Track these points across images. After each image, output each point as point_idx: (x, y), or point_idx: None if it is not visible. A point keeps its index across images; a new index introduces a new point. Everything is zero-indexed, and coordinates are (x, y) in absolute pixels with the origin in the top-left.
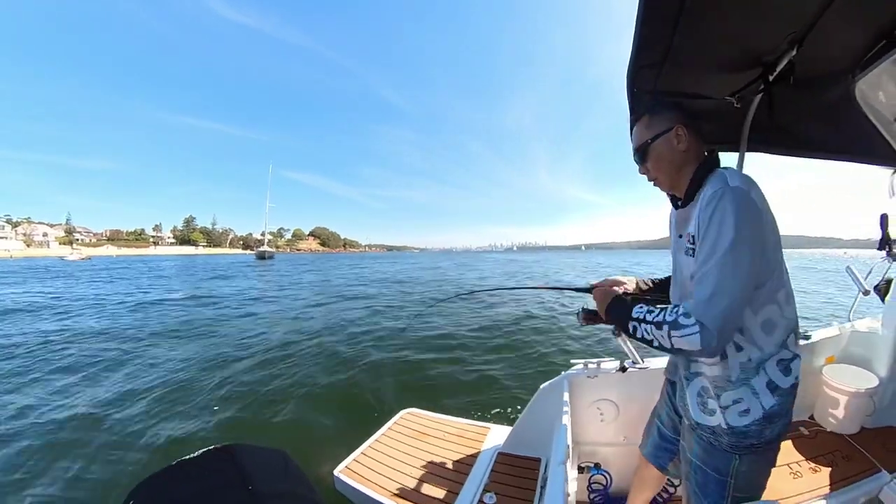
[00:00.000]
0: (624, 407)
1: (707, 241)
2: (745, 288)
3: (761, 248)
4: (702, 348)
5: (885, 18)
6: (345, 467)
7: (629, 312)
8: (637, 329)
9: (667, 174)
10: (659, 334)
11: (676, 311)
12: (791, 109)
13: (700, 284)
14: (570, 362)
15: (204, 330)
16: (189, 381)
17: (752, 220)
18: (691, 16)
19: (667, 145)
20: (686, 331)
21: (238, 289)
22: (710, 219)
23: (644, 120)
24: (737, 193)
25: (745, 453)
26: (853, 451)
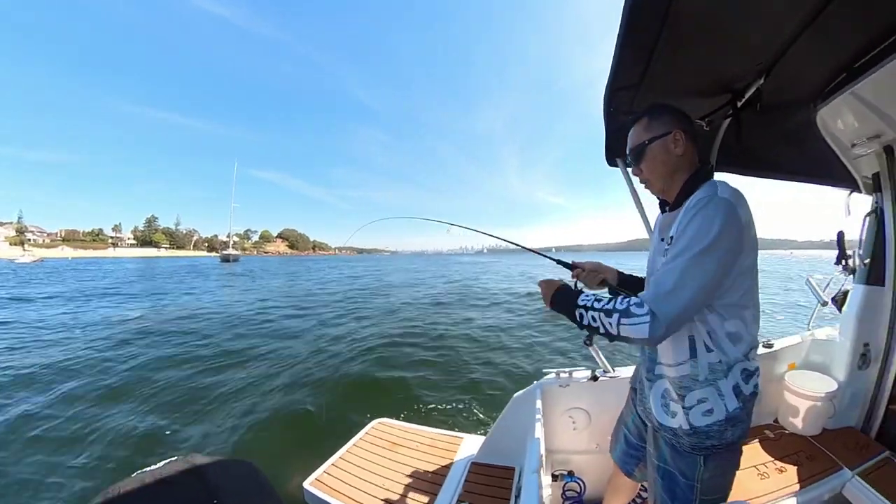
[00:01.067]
0: (596, 415)
1: (682, 240)
2: (704, 293)
3: (732, 261)
4: (648, 338)
5: (846, 53)
6: (315, 479)
7: (575, 300)
8: (584, 316)
9: (660, 177)
10: (607, 321)
11: (628, 301)
12: (757, 134)
13: (662, 277)
14: (542, 371)
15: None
16: (133, 383)
17: (731, 233)
18: (667, 45)
19: (663, 148)
20: (636, 320)
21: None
22: (691, 220)
23: (643, 121)
24: (723, 204)
25: (709, 455)
26: (816, 451)
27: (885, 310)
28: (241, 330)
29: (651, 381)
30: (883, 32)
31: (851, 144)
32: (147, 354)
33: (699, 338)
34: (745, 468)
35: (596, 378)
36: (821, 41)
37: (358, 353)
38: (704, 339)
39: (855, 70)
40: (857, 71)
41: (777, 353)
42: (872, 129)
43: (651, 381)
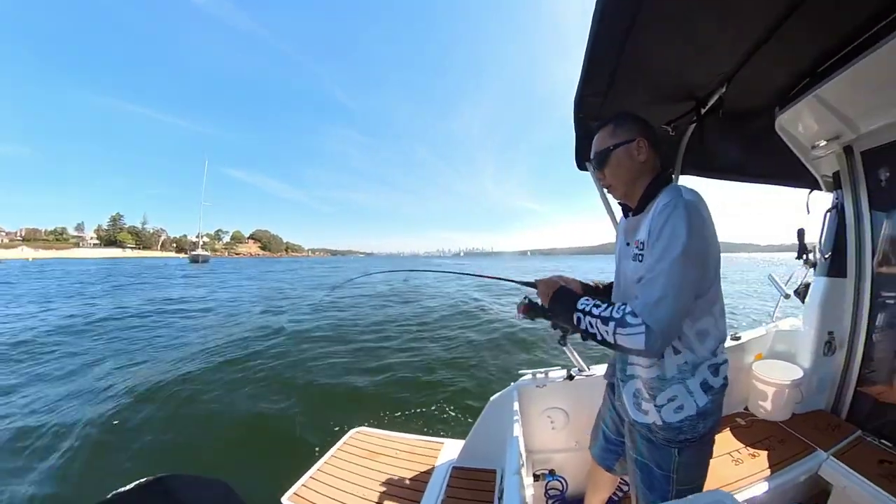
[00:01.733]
0: (573, 413)
1: (657, 247)
2: (689, 296)
3: (705, 260)
4: (645, 349)
5: (808, 59)
6: (293, 494)
7: (575, 303)
8: (581, 321)
9: (622, 182)
10: (604, 329)
11: (623, 310)
12: (720, 139)
13: (647, 287)
14: (518, 373)
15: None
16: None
17: (701, 234)
18: (634, 53)
19: (627, 154)
20: (632, 330)
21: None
22: (663, 227)
23: (609, 128)
24: (690, 206)
25: (683, 447)
26: (787, 436)
27: (848, 299)
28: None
29: (624, 381)
30: (845, 38)
31: (812, 146)
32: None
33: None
34: (719, 455)
35: (572, 377)
36: (783, 49)
37: (325, 362)
38: (673, 343)
39: (818, 74)
40: (821, 75)
41: (744, 344)
42: (833, 130)
43: (624, 382)
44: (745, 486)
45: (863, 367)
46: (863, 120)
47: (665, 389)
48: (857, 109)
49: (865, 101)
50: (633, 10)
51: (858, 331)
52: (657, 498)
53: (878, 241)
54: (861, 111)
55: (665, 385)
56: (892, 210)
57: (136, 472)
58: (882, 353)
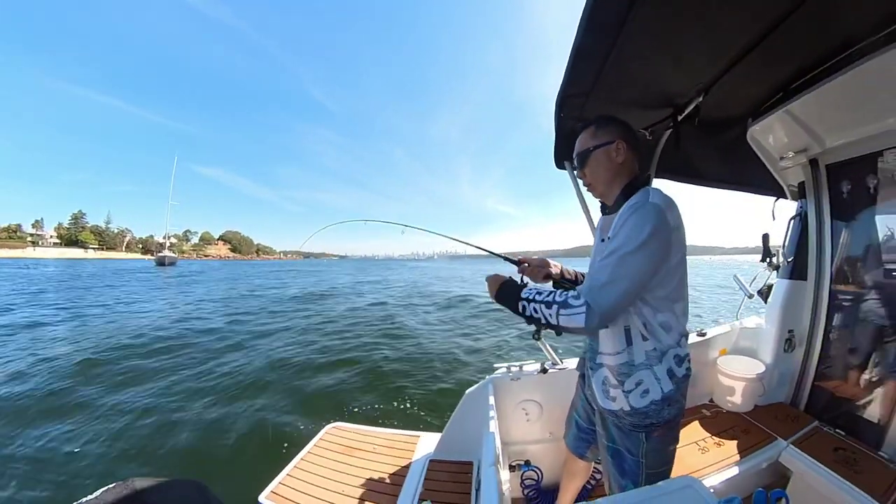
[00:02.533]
0: (547, 405)
1: (617, 238)
2: (635, 287)
3: (661, 259)
4: (584, 326)
5: (783, 75)
6: (270, 492)
7: (518, 293)
8: (526, 308)
9: (601, 181)
10: (548, 313)
11: (567, 294)
12: (694, 145)
13: (598, 272)
14: (493, 366)
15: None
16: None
17: (660, 235)
18: (618, 59)
19: (606, 156)
20: (572, 311)
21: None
22: (626, 222)
23: (591, 129)
24: (654, 209)
25: (649, 432)
26: (750, 426)
27: (808, 300)
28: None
29: (593, 369)
30: (817, 59)
31: (780, 157)
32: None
33: (635, 328)
34: (686, 445)
35: (545, 370)
36: (759, 65)
37: (297, 360)
38: (640, 330)
39: (790, 91)
40: (792, 91)
41: (709, 340)
42: (800, 143)
43: (593, 370)
44: (712, 473)
45: (820, 364)
46: (829, 136)
47: (633, 374)
48: (824, 126)
49: (832, 119)
50: (621, 20)
51: (816, 330)
52: (629, 482)
53: (837, 248)
54: (828, 128)
55: (633, 370)
56: (852, 220)
57: (99, 482)
58: (838, 351)
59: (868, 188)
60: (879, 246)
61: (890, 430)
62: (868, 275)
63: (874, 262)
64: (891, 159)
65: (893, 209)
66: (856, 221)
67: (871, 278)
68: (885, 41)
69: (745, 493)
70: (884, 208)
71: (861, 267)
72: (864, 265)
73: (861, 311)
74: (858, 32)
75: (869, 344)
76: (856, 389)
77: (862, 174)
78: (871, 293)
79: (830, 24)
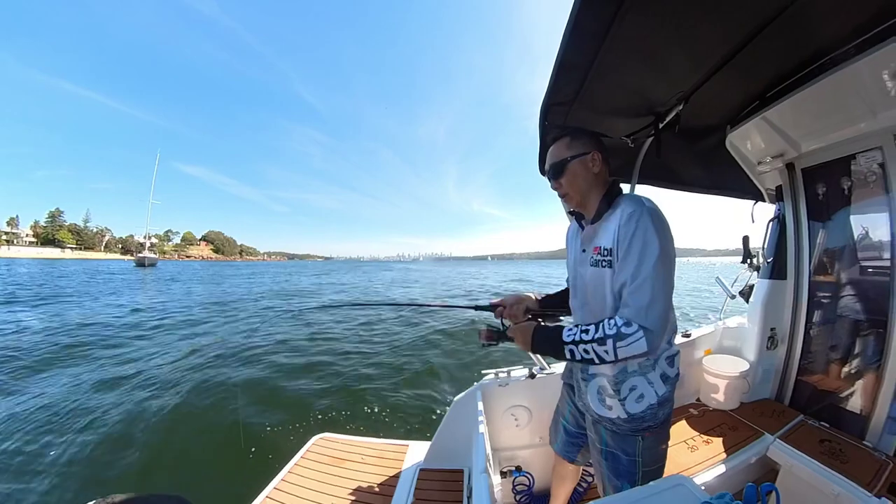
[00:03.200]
0: (536, 410)
1: (633, 254)
2: (671, 293)
3: (674, 259)
4: (648, 350)
5: (760, 84)
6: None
7: (560, 338)
8: (575, 352)
9: (578, 192)
10: (602, 350)
11: (615, 324)
12: (675, 152)
13: (638, 293)
14: (481, 373)
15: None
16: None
17: (668, 236)
18: (601, 69)
19: (582, 166)
20: (631, 339)
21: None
22: (634, 234)
23: (566, 140)
24: (655, 214)
25: (646, 434)
26: (737, 423)
27: (788, 299)
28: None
29: (586, 380)
30: (792, 69)
31: (758, 162)
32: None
33: None
34: (675, 444)
35: (533, 376)
36: (736, 75)
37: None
38: None
39: (767, 99)
40: (769, 99)
41: (694, 341)
42: (777, 148)
43: (586, 381)
44: (702, 470)
45: (802, 359)
46: (804, 141)
47: (627, 381)
48: (800, 132)
49: (807, 125)
50: (605, 30)
51: (797, 327)
52: (625, 482)
53: (814, 248)
54: (803, 133)
55: (628, 377)
56: (828, 220)
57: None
58: (818, 346)
59: (842, 190)
60: (855, 244)
61: (872, 419)
62: (845, 272)
63: (850, 260)
64: (863, 162)
65: (867, 209)
66: (832, 222)
67: (848, 275)
68: (855, 51)
69: (736, 489)
70: (858, 208)
71: (838, 265)
72: (840, 263)
73: (839, 307)
74: (830, 43)
75: (848, 338)
76: (838, 382)
77: (836, 177)
78: (848, 289)
79: (803, 36)
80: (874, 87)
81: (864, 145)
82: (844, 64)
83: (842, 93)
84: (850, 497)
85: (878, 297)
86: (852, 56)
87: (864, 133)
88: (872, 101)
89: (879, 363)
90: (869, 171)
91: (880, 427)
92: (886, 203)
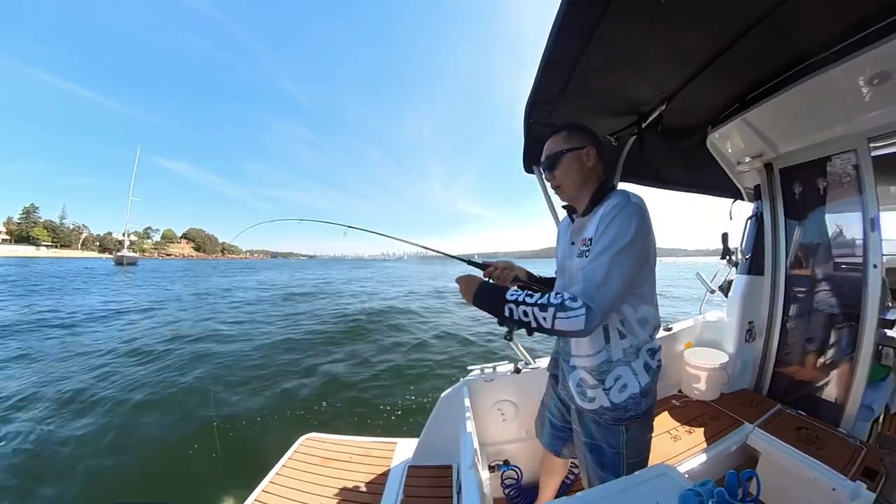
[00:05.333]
0: (522, 405)
1: (605, 238)
2: (626, 285)
3: (646, 257)
4: (584, 328)
5: (741, 87)
6: None
7: (503, 294)
8: (514, 311)
9: (572, 184)
10: (542, 315)
11: (562, 296)
12: (657, 151)
13: (592, 272)
14: (467, 369)
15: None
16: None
17: (646, 233)
18: (586, 68)
19: (577, 160)
20: (572, 313)
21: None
22: (613, 221)
23: (562, 134)
24: (638, 209)
25: (629, 424)
26: (718, 413)
27: (766, 293)
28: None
29: (568, 371)
30: (772, 73)
31: (737, 162)
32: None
33: (612, 327)
34: (659, 434)
35: (519, 370)
36: (718, 77)
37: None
38: (618, 327)
39: (747, 101)
40: (749, 101)
41: (675, 334)
42: (756, 149)
43: (569, 372)
44: (685, 459)
45: (779, 351)
46: (782, 142)
47: (612, 371)
48: (778, 133)
49: (785, 127)
50: (591, 29)
51: (774, 320)
52: (610, 474)
53: (791, 245)
54: (781, 135)
55: (612, 367)
56: (804, 219)
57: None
58: (795, 339)
59: (818, 190)
60: (829, 242)
61: (846, 407)
62: (820, 268)
63: (825, 257)
64: (838, 164)
65: (841, 209)
66: (808, 220)
67: (823, 271)
68: (834, 57)
69: (718, 476)
70: (833, 208)
71: (813, 261)
72: (815, 259)
73: (814, 301)
74: (809, 49)
75: (823, 330)
76: (813, 373)
77: (813, 177)
78: (822, 284)
79: (784, 42)
80: (850, 92)
81: (840, 147)
82: (823, 69)
83: (819, 97)
84: (827, 481)
85: (851, 292)
86: (831, 62)
87: (839, 136)
88: (848, 106)
89: (852, 354)
90: (843, 173)
91: (854, 414)
92: (859, 203)
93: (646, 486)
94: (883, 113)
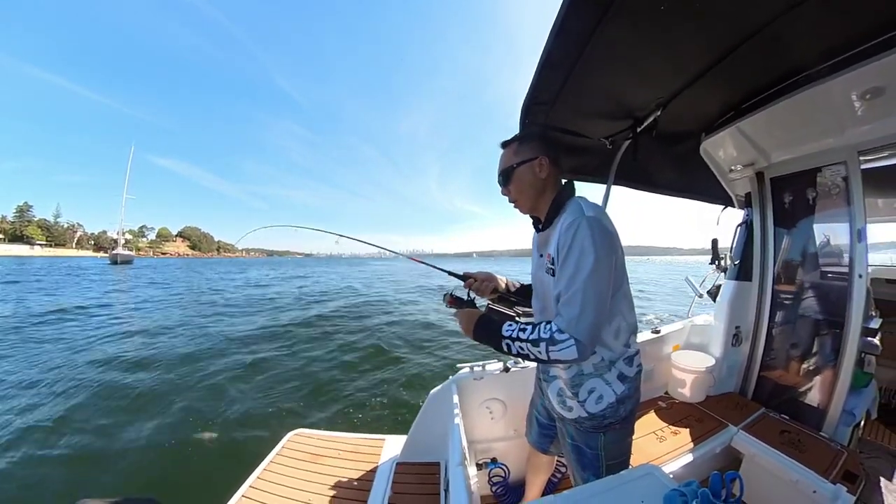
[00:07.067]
0: (511, 403)
1: (569, 264)
2: (605, 303)
3: (612, 266)
4: (578, 357)
5: (736, 96)
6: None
7: (499, 331)
8: (511, 347)
9: (527, 197)
10: (536, 350)
11: (550, 329)
12: (651, 155)
13: (569, 305)
14: (456, 367)
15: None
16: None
17: (606, 245)
18: (584, 70)
19: (529, 172)
20: (563, 346)
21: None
22: (571, 245)
23: (513, 146)
24: (592, 222)
25: (608, 430)
26: (703, 415)
27: (753, 299)
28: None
29: (547, 381)
30: (767, 83)
31: (729, 169)
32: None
33: None
34: (644, 435)
35: (508, 369)
36: (713, 86)
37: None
38: None
39: (741, 110)
40: (743, 111)
41: (663, 337)
42: (748, 157)
43: (548, 382)
44: (670, 460)
45: (765, 356)
46: (774, 152)
47: (584, 384)
48: (770, 143)
49: (778, 137)
50: (590, 30)
51: (761, 325)
52: (590, 474)
53: (779, 252)
54: (773, 144)
55: (584, 380)
56: (793, 227)
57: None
58: (780, 344)
59: (808, 200)
60: (817, 251)
61: (829, 412)
62: (806, 276)
63: (812, 265)
64: (828, 175)
65: (829, 219)
66: (796, 229)
67: (809, 279)
68: (828, 71)
69: (702, 477)
70: (821, 218)
71: (800, 269)
72: (802, 268)
73: (800, 308)
74: (804, 62)
75: (808, 337)
76: (797, 378)
77: (802, 187)
78: (809, 292)
79: (779, 54)
80: (843, 105)
81: (830, 159)
82: (817, 82)
83: (813, 109)
84: (808, 483)
85: (836, 301)
86: (825, 75)
87: (830, 148)
88: (841, 119)
89: (836, 361)
90: (833, 184)
91: (836, 419)
92: (847, 214)
93: (631, 486)
94: (874, 127)
